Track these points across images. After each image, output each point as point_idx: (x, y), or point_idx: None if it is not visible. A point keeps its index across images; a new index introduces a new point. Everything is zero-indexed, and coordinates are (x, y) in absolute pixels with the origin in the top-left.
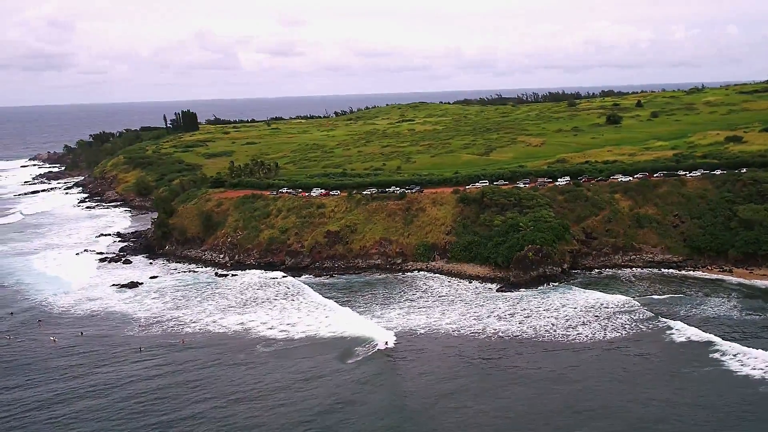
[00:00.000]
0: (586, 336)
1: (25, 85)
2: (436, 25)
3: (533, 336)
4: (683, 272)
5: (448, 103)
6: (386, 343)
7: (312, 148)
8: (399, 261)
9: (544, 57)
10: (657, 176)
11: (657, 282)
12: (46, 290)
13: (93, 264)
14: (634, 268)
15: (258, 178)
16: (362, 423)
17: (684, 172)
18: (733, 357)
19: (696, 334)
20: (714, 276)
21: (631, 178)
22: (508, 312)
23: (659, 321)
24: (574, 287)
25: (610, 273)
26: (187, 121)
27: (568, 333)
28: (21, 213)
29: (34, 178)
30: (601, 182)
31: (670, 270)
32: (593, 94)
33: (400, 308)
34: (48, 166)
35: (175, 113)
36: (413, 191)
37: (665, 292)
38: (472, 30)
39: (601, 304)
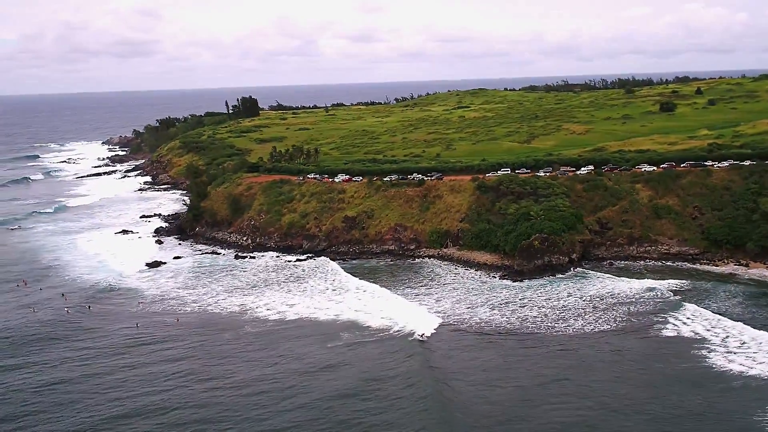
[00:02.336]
0: (574, 328)
1: (116, 72)
2: (517, 10)
3: (517, 327)
4: (696, 265)
5: (514, 90)
6: (422, 334)
7: (360, 135)
8: (412, 247)
9: (630, 41)
10: (684, 166)
11: (667, 275)
12: (79, 267)
13: (127, 244)
14: (646, 261)
15: (296, 164)
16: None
17: (712, 163)
18: (719, 353)
19: (688, 328)
20: (728, 270)
21: (655, 168)
22: (504, 301)
23: (655, 315)
24: (579, 278)
25: (621, 265)
26: (247, 106)
27: (555, 325)
28: (79, 195)
29: (101, 161)
30: (625, 172)
31: (684, 263)
32: (667, 80)
33: (397, 294)
34: (118, 149)
35: (237, 99)
36: (433, 178)
37: (672, 286)
38: (556, 14)
39: (602, 296)
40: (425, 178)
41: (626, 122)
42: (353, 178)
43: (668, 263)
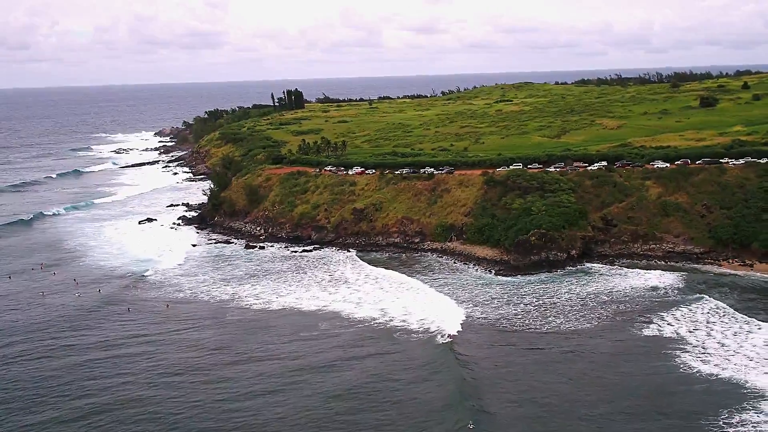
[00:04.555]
0: (550, 326)
1: (185, 63)
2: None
3: (492, 323)
4: (700, 264)
5: (566, 83)
6: (448, 336)
7: (395, 128)
8: (417, 240)
9: (705, 32)
10: (699, 163)
11: (667, 273)
12: (97, 254)
13: (149, 232)
14: (650, 258)
15: (322, 156)
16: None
17: (727, 160)
18: (693, 354)
19: (672, 329)
20: (731, 270)
21: (668, 165)
22: (490, 297)
23: (643, 314)
24: (579, 274)
25: (624, 262)
26: (292, 99)
27: (531, 323)
28: (120, 184)
29: (148, 151)
30: (638, 168)
31: (688, 261)
32: (726, 73)
33: (382, 288)
34: (168, 140)
35: (283, 91)
36: (443, 172)
37: (670, 285)
38: (626, 4)
39: (596, 293)
40: (435, 172)
41: (662, 117)
42: (366, 171)
43: (672, 261)
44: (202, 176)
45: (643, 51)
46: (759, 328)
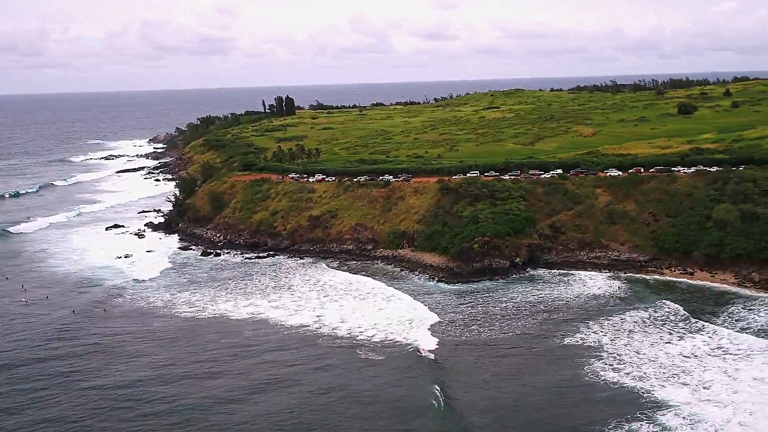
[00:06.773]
0: (468, 336)
1: (195, 69)
2: (596, 4)
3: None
4: (642, 272)
5: (561, 90)
6: (424, 349)
7: (378, 135)
8: (369, 247)
9: (716, 38)
10: (652, 171)
11: (609, 281)
12: (55, 260)
13: (113, 238)
14: (595, 266)
15: (294, 163)
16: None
17: (678, 168)
18: (607, 362)
19: (595, 337)
20: (672, 278)
21: (620, 173)
22: (417, 308)
23: (572, 322)
24: (522, 282)
25: (570, 270)
26: (283, 105)
27: (453, 331)
28: (101, 191)
29: (137, 158)
30: (590, 176)
31: (631, 270)
32: (724, 80)
33: (323, 297)
34: (160, 146)
35: (275, 98)
36: (400, 179)
37: (609, 293)
38: (636, 9)
39: (534, 302)
40: (392, 179)
41: (638, 125)
42: (326, 178)
43: (617, 269)
44: None
45: (655, 57)
46: (680, 339)
